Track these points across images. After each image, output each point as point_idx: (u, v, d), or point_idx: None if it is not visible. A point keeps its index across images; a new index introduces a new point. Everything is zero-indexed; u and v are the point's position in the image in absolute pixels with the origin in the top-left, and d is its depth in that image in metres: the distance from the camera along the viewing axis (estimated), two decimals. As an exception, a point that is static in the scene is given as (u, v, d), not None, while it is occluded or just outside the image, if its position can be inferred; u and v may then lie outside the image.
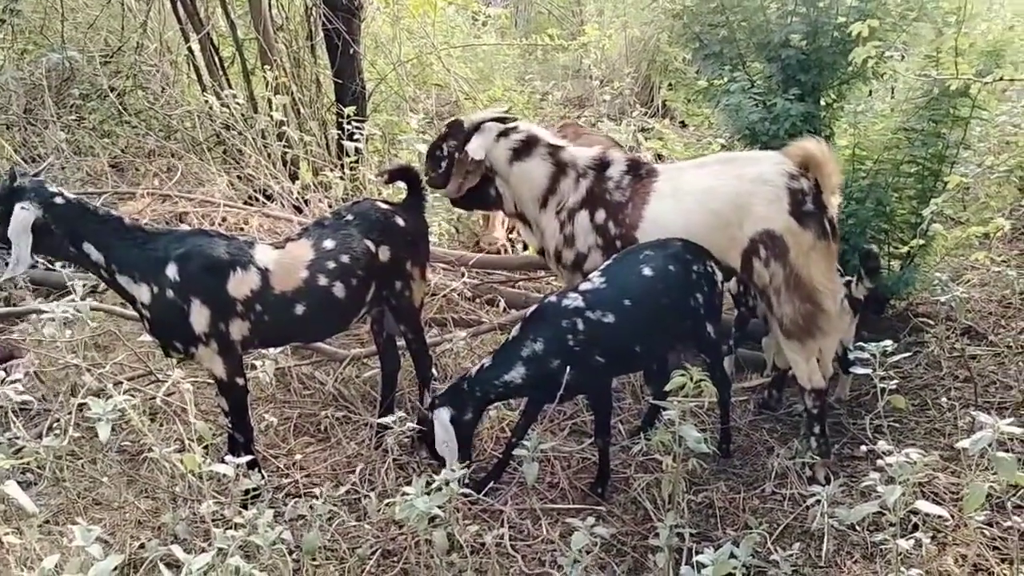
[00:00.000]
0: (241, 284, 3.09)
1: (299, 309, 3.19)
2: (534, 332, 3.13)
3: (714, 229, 3.32)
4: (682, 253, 3.24)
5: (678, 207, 3.39)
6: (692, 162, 3.72)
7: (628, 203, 3.49)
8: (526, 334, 3.14)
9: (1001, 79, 3.70)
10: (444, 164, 3.77)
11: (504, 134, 3.65)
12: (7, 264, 3.01)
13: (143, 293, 3.04)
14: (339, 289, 3.25)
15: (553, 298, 3.21)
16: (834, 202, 3.31)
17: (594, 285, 3.18)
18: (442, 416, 3.13)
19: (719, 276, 3.34)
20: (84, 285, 3.70)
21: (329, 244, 3.28)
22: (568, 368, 3.05)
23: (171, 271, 3.02)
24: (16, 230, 2.92)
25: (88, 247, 3.03)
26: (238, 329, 3.12)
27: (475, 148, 3.61)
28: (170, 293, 3.02)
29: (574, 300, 3.13)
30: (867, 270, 3.70)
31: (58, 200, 3.00)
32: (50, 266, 4.76)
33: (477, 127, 3.67)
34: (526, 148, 3.62)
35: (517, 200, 3.69)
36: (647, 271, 3.18)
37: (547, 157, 3.61)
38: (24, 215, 2.93)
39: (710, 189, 3.34)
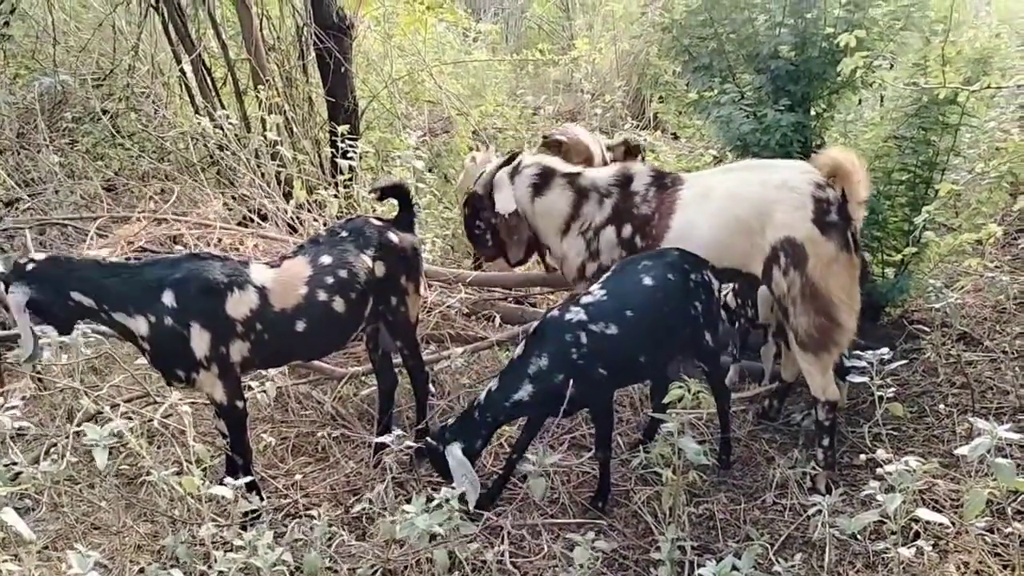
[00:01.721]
0: (240, 304, 3.08)
1: (300, 326, 3.18)
2: (538, 348, 3.11)
3: (738, 234, 3.30)
4: (680, 262, 3.25)
5: (703, 214, 3.37)
6: (718, 168, 3.73)
7: (654, 214, 3.49)
8: (531, 351, 3.12)
9: (988, 87, 3.73)
10: (490, 237, 3.83)
11: (516, 171, 3.67)
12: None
13: (141, 325, 3.00)
14: (339, 304, 3.25)
15: (555, 312, 3.20)
16: (860, 214, 3.26)
17: (595, 297, 3.18)
18: (455, 453, 3.06)
19: (716, 284, 3.35)
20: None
21: (326, 260, 3.28)
22: (572, 382, 3.04)
23: (167, 298, 2.99)
24: (15, 313, 2.91)
25: (78, 296, 2.95)
26: (238, 350, 3.11)
27: (503, 204, 3.65)
28: (168, 320, 2.99)
29: (576, 314, 3.13)
30: None
31: (29, 266, 2.93)
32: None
33: (491, 186, 3.70)
34: (544, 181, 3.65)
35: (541, 234, 3.72)
36: (647, 281, 3.18)
37: (567, 187, 3.63)
38: (15, 298, 2.89)
39: (734, 195, 3.32)
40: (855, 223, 3.23)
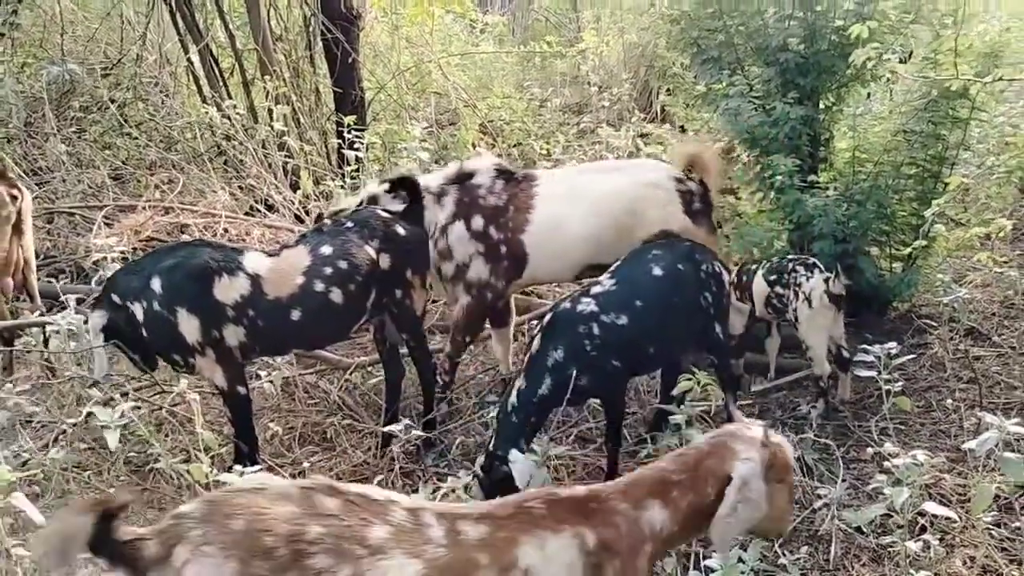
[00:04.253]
0: (229, 290, 3.12)
1: (295, 315, 3.20)
2: (553, 341, 3.06)
3: (612, 230, 3.52)
4: (690, 252, 3.25)
5: (572, 210, 3.55)
6: (575, 168, 4.04)
7: (508, 206, 3.60)
8: (547, 344, 3.07)
9: (1000, 79, 3.71)
10: None
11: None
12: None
13: (138, 311, 3.10)
14: (337, 295, 3.25)
15: (567, 304, 3.17)
16: (715, 199, 3.75)
17: (605, 288, 3.16)
18: (518, 458, 2.90)
19: (726, 276, 3.34)
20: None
21: (327, 250, 3.28)
22: (584, 373, 3.02)
23: (155, 284, 3.08)
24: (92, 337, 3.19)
25: (115, 297, 3.13)
26: (233, 335, 3.14)
27: None
28: (156, 305, 3.07)
29: (588, 305, 3.11)
30: (844, 267, 3.71)
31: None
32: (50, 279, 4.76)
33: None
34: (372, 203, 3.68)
35: None
36: (657, 271, 3.18)
37: (395, 199, 3.66)
38: (93, 322, 3.13)
39: (609, 193, 3.55)
40: (714, 208, 3.71)
